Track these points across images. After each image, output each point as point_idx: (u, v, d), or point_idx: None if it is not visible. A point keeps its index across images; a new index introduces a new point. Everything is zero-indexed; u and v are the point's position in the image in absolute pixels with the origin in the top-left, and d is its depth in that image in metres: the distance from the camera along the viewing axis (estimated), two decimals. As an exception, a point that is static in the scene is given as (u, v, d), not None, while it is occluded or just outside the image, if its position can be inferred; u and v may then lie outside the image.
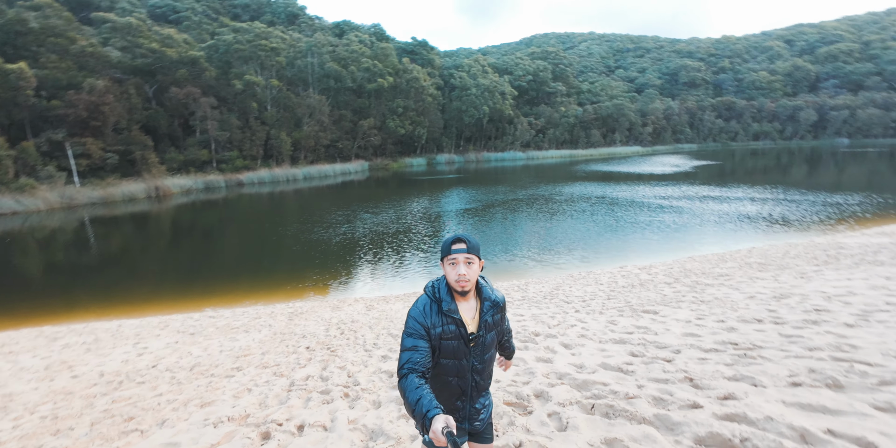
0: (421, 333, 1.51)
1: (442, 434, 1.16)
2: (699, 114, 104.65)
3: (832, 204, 22.40)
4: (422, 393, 1.33)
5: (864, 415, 2.06)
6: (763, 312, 5.25)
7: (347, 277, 13.10)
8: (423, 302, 1.60)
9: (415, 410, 1.29)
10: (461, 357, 1.58)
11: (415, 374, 1.42)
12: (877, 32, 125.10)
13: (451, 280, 1.58)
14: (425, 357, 1.47)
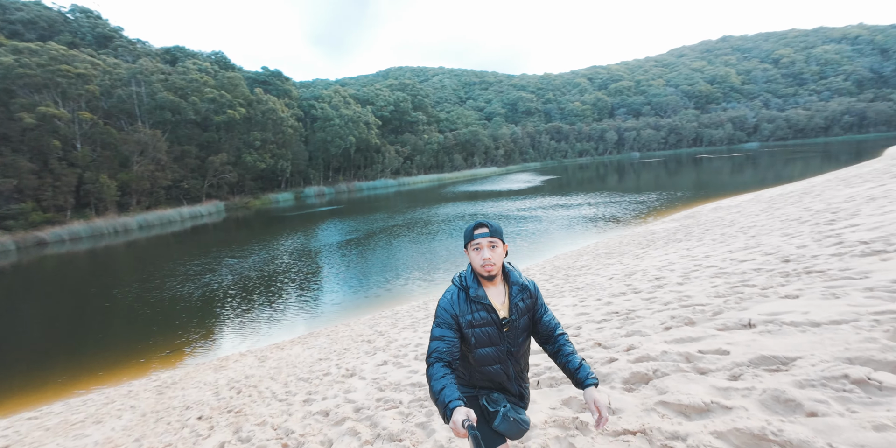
0: (449, 323, 1.50)
1: (462, 426, 1.15)
2: (537, 137, 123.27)
3: (640, 202, 28.68)
4: (446, 383, 1.34)
5: (714, 336, 2.81)
6: (623, 287, 6.50)
7: (224, 332, 11.38)
8: (451, 291, 1.60)
9: (438, 399, 1.32)
10: (497, 343, 1.57)
11: (441, 363, 1.43)
12: (643, 74, 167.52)
13: (476, 265, 1.58)
14: (452, 347, 1.47)
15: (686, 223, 16.30)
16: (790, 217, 9.11)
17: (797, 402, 1.73)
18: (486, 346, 1.54)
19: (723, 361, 2.42)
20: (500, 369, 1.57)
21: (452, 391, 1.31)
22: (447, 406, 1.26)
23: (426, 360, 1.47)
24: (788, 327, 2.63)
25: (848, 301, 2.81)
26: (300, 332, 10.84)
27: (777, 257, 5.22)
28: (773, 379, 2.00)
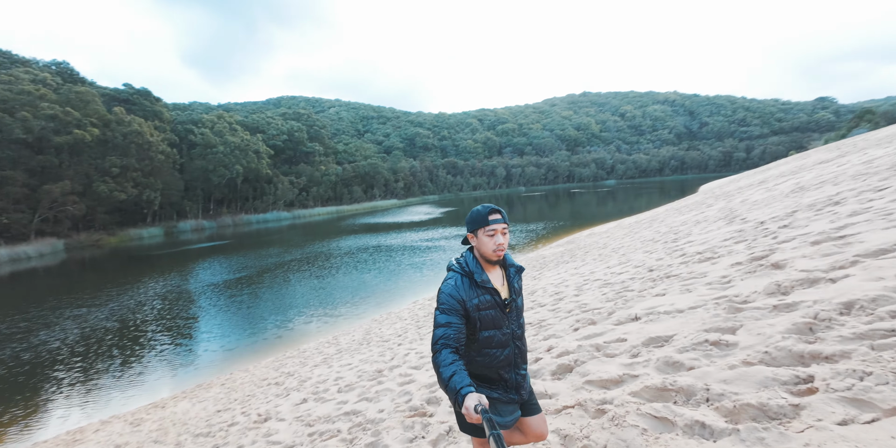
0: (455, 308, 1.49)
1: (476, 412, 1.15)
2: (435, 171, 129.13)
3: (530, 230, 31.79)
4: (455, 369, 1.33)
5: (612, 330, 3.43)
6: (529, 303, 7.21)
7: (73, 399, 9.21)
8: (453, 278, 1.59)
9: (448, 385, 1.30)
10: (501, 325, 1.58)
11: (448, 349, 1.41)
12: (524, 118, 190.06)
13: (487, 250, 1.58)
14: (459, 333, 1.46)
15: (569, 247, 18.61)
16: (646, 238, 11.19)
17: (680, 362, 2.28)
18: (490, 329, 1.55)
19: (623, 346, 2.98)
20: (500, 354, 1.58)
21: (463, 377, 1.30)
22: (458, 392, 1.25)
23: (432, 348, 1.47)
24: (663, 316, 3.36)
25: (697, 293, 3.71)
26: (186, 385, 9.33)
27: (644, 268, 6.44)
28: (661, 351, 2.58)
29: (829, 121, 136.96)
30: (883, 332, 1.86)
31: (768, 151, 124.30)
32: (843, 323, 2.08)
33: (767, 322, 2.42)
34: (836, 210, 5.08)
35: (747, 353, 2.11)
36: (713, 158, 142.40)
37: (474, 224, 1.61)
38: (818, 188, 7.83)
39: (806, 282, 2.90)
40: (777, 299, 2.76)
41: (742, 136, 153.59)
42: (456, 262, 1.67)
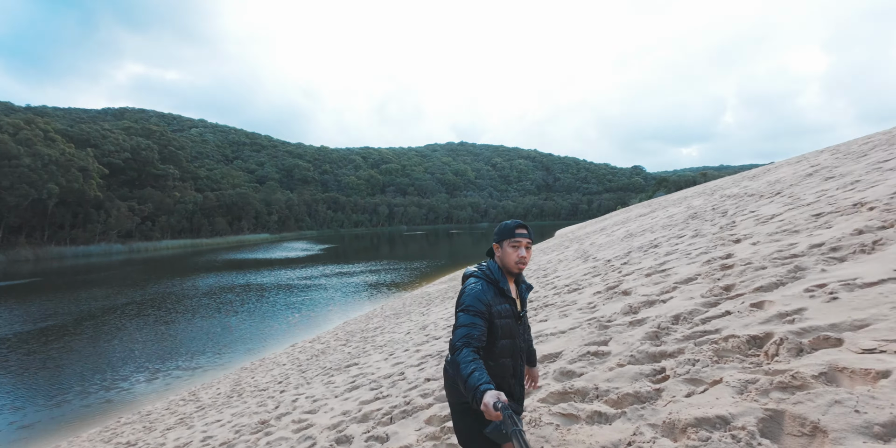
0: (481, 311, 1.51)
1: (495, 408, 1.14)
2: (314, 205, 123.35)
3: (414, 268, 32.42)
4: (475, 366, 1.32)
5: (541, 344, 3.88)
6: (424, 337, 7.38)
7: None
8: (479, 283, 1.61)
9: (467, 382, 1.29)
10: (515, 335, 1.64)
11: (470, 348, 1.40)
12: (407, 160, 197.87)
13: (510, 261, 1.64)
14: (482, 333, 1.46)
15: (453, 284, 19.56)
16: (534, 268, 12.60)
17: (572, 371, 2.76)
18: (506, 338, 1.60)
19: (522, 365, 3.42)
20: (510, 364, 1.63)
21: (482, 374, 1.30)
22: (478, 388, 1.25)
23: (453, 346, 1.46)
24: (550, 337, 3.94)
25: (573, 317, 4.45)
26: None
27: (525, 300, 7.30)
28: (555, 364, 3.05)
29: (641, 184, 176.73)
30: (699, 333, 2.62)
31: (603, 205, 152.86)
32: (676, 330, 2.85)
33: (628, 334, 3.12)
34: (657, 251, 6.69)
35: (619, 358, 2.70)
36: (564, 208, 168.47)
37: (501, 235, 1.69)
38: (642, 235, 10.11)
39: (647, 303, 3.81)
40: (631, 317, 3.56)
41: (585, 192, 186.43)
42: (478, 269, 1.69)
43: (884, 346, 1.69)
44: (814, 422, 1.42)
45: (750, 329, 2.36)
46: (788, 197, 6.67)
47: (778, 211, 5.78)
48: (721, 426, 1.61)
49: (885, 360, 1.59)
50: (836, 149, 13.17)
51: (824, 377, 1.65)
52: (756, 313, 2.56)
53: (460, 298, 1.56)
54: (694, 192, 20.23)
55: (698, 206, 11.44)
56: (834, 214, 4.27)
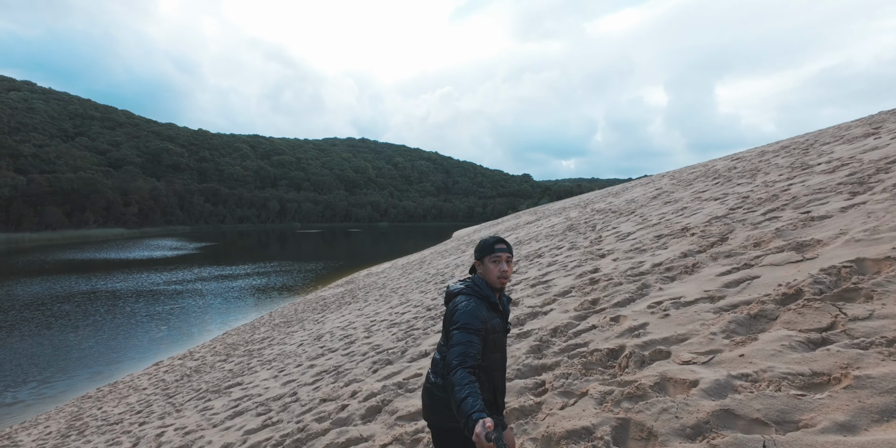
0: (477, 328, 1.50)
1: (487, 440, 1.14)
2: (189, 197, 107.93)
3: (308, 270, 30.64)
4: (470, 391, 1.31)
5: (408, 367, 3.97)
6: (319, 350, 7.06)
7: None
8: (470, 299, 1.59)
9: (461, 407, 1.28)
10: (503, 349, 1.66)
11: (467, 369, 1.39)
12: (303, 153, 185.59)
13: (492, 277, 1.65)
14: (478, 352, 1.46)
15: (349, 288, 19.00)
16: (420, 279, 12.87)
17: (467, 387, 3.00)
18: (497, 352, 1.63)
19: (420, 380, 3.53)
20: (499, 376, 1.66)
21: (476, 400, 1.28)
22: (470, 416, 1.24)
23: (449, 364, 1.43)
24: (447, 349, 4.16)
25: (468, 328, 4.77)
26: None
27: (423, 307, 7.50)
28: (452, 380, 3.26)
29: (529, 191, 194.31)
30: (572, 346, 3.06)
31: (496, 208, 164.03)
32: (554, 343, 3.27)
33: (516, 346, 3.47)
34: (540, 261, 7.50)
35: (509, 372, 3.00)
36: (461, 210, 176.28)
37: (482, 252, 1.70)
38: (528, 243, 11.18)
39: (531, 314, 4.27)
40: (518, 329, 3.95)
41: (480, 195, 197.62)
42: (464, 285, 1.69)
43: (696, 359, 2.22)
44: (649, 428, 1.80)
45: (609, 342, 2.84)
46: (639, 217, 8.08)
47: (632, 229, 6.96)
48: (585, 437, 1.93)
49: (696, 371, 2.09)
50: (673, 175, 16.33)
51: (657, 386, 2.09)
52: (614, 327, 3.09)
53: (454, 316, 1.55)
54: (571, 204, 23.02)
55: (574, 219, 13.10)
56: (669, 237, 5.32)
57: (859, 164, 5.26)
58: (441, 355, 1.65)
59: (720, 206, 6.03)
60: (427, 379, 1.71)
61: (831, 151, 6.88)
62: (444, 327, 1.64)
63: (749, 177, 7.69)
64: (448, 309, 1.63)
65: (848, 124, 10.64)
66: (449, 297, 1.69)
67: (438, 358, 1.67)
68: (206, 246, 57.04)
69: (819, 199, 4.38)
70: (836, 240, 3.10)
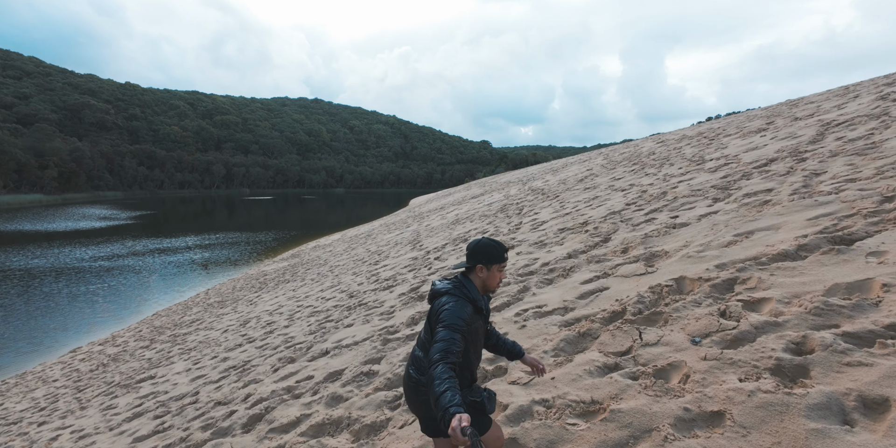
0: (463, 329, 1.57)
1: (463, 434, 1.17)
2: (119, 160, 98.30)
3: (258, 241, 29.54)
4: (449, 385, 1.36)
5: (306, 367, 4.10)
6: (239, 338, 7.04)
7: None
8: (460, 302, 1.64)
9: (438, 401, 1.33)
10: (480, 347, 1.78)
11: (448, 364, 1.45)
12: (250, 113, 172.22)
13: (492, 283, 1.73)
14: (460, 350, 1.53)
15: (293, 262, 18.66)
16: (359, 257, 12.88)
17: (341, 396, 3.16)
18: (473, 353, 1.72)
19: (310, 384, 3.67)
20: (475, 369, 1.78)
21: (455, 395, 1.34)
22: (447, 410, 1.29)
23: (430, 359, 1.49)
24: (344, 349, 4.31)
25: (372, 324, 4.92)
26: None
27: (347, 294, 7.59)
28: (334, 386, 3.41)
29: (488, 158, 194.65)
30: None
31: (455, 176, 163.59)
32: (430, 349, 3.49)
33: (399, 351, 3.67)
34: (463, 247, 7.73)
35: (380, 380, 3.19)
36: (420, 176, 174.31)
37: (491, 259, 1.72)
38: (463, 223, 11.42)
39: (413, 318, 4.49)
40: (410, 330, 4.15)
41: (439, 162, 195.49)
42: (451, 285, 1.72)
43: (521, 379, 2.47)
44: None
45: (469, 353, 3.07)
46: (559, 203, 8.45)
47: (547, 217, 7.29)
48: (402, 460, 2.14)
49: (513, 393, 2.35)
50: (607, 154, 16.98)
51: (481, 406, 2.33)
52: (481, 335, 3.32)
53: (440, 316, 1.61)
54: (516, 178, 23.46)
55: (511, 197, 13.44)
56: (569, 231, 5.65)
57: (736, 165, 5.74)
58: (423, 352, 1.72)
59: (621, 200, 6.42)
60: (409, 378, 1.77)
61: (726, 146, 7.42)
62: (429, 325, 1.71)
63: (657, 167, 8.18)
64: (433, 307, 1.69)
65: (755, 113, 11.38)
66: (434, 295, 1.73)
67: (421, 355, 1.73)
68: (141, 215, 53.00)
69: (690, 203, 4.79)
70: (678, 253, 3.45)
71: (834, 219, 2.95)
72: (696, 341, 2.18)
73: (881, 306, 1.90)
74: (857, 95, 7.55)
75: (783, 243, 2.84)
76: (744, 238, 3.23)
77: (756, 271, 2.64)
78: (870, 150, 4.14)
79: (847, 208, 3.04)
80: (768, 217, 3.45)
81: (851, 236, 2.63)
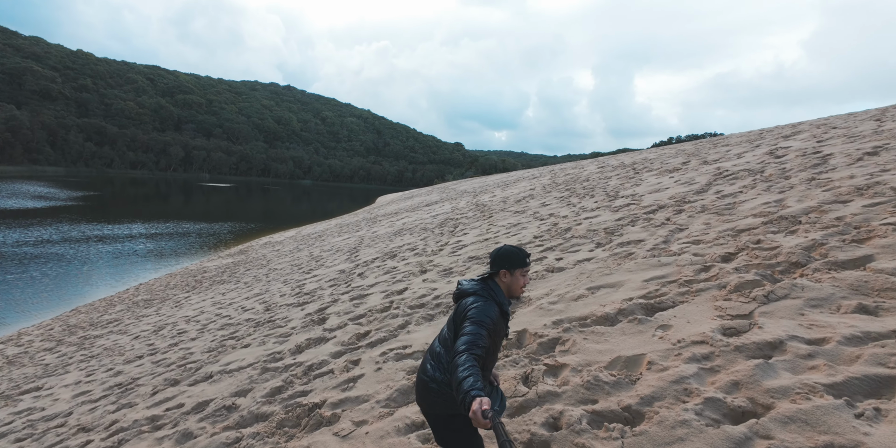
0: (490, 326, 1.60)
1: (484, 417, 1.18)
2: (63, 133, 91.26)
3: (212, 233, 28.24)
4: (472, 372, 1.38)
5: (183, 392, 4.08)
6: (145, 348, 6.82)
7: None
8: (490, 304, 1.68)
9: (461, 385, 1.34)
10: (499, 350, 1.81)
11: (474, 355, 1.46)
12: (216, 94, 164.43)
13: (516, 287, 1.78)
14: (485, 345, 1.55)
15: (238, 259, 18.07)
16: (298, 262, 12.70)
17: (193, 432, 3.19)
18: (497, 352, 1.78)
19: (175, 414, 3.67)
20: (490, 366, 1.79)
21: (476, 380, 1.35)
22: (468, 393, 1.30)
23: (456, 350, 1.50)
24: (226, 375, 4.32)
25: (265, 347, 4.94)
26: None
27: (265, 305, 7.52)
28: (193, 419, 3.43)
29: (460, 160, 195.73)
30: (297, 393, 3.38)
31: (426, 175, 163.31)
32: (286, 389, 3.57)
33: (266, 385, 3.73)
34: (388, 265, 7.84)
35: (234, 417, 3.25)
36: (391, 174, 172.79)
37: (513, 264, 1.76)
38: (402, 236, 11.53)
39: (316, 341, 4.56)
40: (292, 358, 4.22)
41: (412, 160, 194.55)
42: (479, 286, 1.75)
43: (342, 431, 2.61)
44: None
45: (317, 396, 3.18)
46: (488, 225, 8.73)
47: (469, 242, 7.53)
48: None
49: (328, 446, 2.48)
50: (556, 173, 17.57)
51: None
52: (339, 376, 3.44)
53: (468, 313, 1.63)
54: (472, 188, 23.82)
55: (457, 211, 13.68)
56: (475, 261, 5.88)
57: (635, 207, 6.18)
58: (444, 348, 1.74)
59: (534, 231, 6.75)
60: (424, 371, 1.78)
61: (640, 183, 7.93)
62: (453, 323, 1.73)
63: (581, 196, 8.62)
64: (459, 306, 1.71)
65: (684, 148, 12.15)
66: (461, 294, 1.76)
67: (441, 351, 1.75)
68: (85, 196, 49.38)
69: (579, 245, 5.13)
70: (538, 301, 3.71)
71: (659, 283, 3.29)
72: (492, 404, 2.39)
73: (636, 385, 2.18)
74: (759, 145, 8.30)
75: (612, 305, 3.14)
76: (591, 293, 3.53)
77: (577, 333, 2.91)
78: (727, 210, 4.61)
79: (675, 273, 3.40)
80: (621, 272, 3.78)
81: (659, 305, 2.95)
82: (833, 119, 10.01)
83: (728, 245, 3.59)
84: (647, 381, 2.14)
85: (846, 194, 3.84)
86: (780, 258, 3.02)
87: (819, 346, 2.00)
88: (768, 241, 3.37)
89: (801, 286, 2.54)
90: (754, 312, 2.46)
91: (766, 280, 2.77)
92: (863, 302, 2.24)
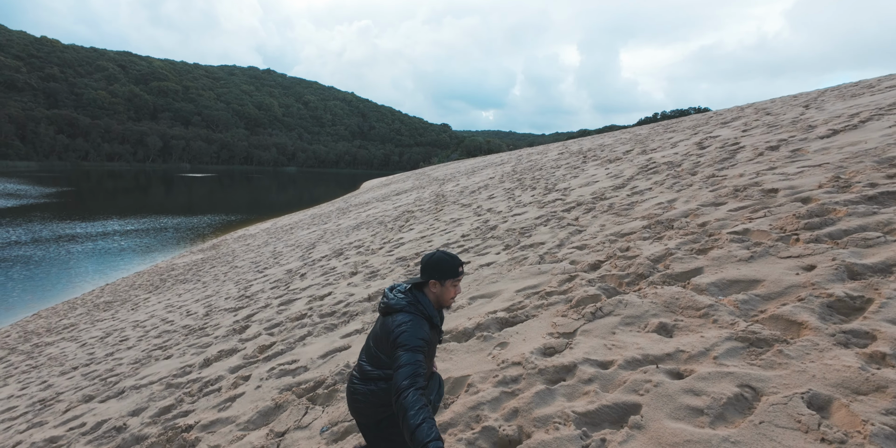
0: (423, 349, 1.56)
1: None
2: (32, 126, 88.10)
3: (191, 227, 27.78)
4: (425, 416, 1.32)
5: (91, 412, 4.15)
6: (85, 357, 6.85)
7: None
8: (416, 319, 1.63)
9: (415, 434, 1.28)
10: (433, 358, 1.83)
11: (417, 390, 1.41)
12: (192, 81, 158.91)
13: (446, 298, 1.73)
14: (425, 370, 1.51)
15: (208, 255, 17.90)
16: (258, 259, 12.66)
17: None
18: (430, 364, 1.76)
19: (73, 435, 3.75)
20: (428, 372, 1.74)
21: (432, 427, 1.30)
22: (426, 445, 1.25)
23: (398, 386, 1.44)
24: (134, 391, 4.38)
25: (182, 360, 5.01)
26: None
27: (207, 310, 7.55)
28: (83, 441, 3.51)
29: (447, 141, 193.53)
30: (171, 427, 3.46)
31: (413, 158, 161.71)
32: (159, 420, 3.64)
33: (162, 403, 3.80)
34: (329, 264, 7.87)
35: (119, 440, 3.33)
36: (377, 158, 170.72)
37: (444, 274, 1.69)
38: (359, 230, 11.52)
39: (227, 352, 4.63)
40: (198, 373, 4.28)
41: (398, 143, 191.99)
42: (406, 301, 1.68)
43: None
44: None
45: (207, 413, 3.26)
46: (434, 219, 8.76)
47: (408, 239, 7.57)
48: None
49: None
50: (518, 160, 17.51)
51: None
52: (227, 393, 3.52)
53: (399, 337, 1.57)
54: (443, 175, 23.65)
55: (418, 202, 13.66)
56: (399, 264, 5.93)
57: (560, 204, 6.23)
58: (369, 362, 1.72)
59: (466, 229, 6.79)
60: (350, 381, 1.78)
61: (577, 175, 7.96)
62: (380, 339, 1.68)
63: (524, 189, 8.65)
64: (387, 322, 1.65)
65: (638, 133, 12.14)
66: (389, 310, 1.70)
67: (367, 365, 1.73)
68: (58, 192, 48.04)
69: (491, 247, 5.19)
70: (423, 313, 3.76)
71: (527, 294, 3.38)
72: (324, 430, 2.49)
73: (447, 410, 2.27)
74: (698, 133, 8.34)
75: (476, 318, 3.22)
76: (469, 304, 3.61)
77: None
78: (626, 211, 4.69)
79: (546, 283, 3.48)
80: (504, 281, 3.86)
81: (513, 319, 3.04)
82: (778, 102, 10.05)
83: (602, 252, 3.67)
84: (454, 406, 2.23)
85: (724, 196, 3.92)
86: (632, 269, 3.10)
87: (602, 370, 2.10)
88: (634, 249, 3.45)
89: (625, 303, 2.63)
90: (577, 330, 2.55)
91: (605, 294, 2.86)
92: (664, 321, 2.34)
